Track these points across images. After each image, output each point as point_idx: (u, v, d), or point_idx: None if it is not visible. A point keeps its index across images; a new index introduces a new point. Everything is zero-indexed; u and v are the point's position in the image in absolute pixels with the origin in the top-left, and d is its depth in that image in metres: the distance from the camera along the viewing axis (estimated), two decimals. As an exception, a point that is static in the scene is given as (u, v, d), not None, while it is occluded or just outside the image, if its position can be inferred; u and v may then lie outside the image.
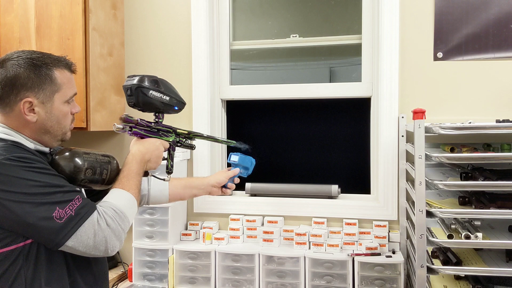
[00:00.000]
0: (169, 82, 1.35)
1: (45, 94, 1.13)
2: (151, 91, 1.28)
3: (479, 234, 1.43)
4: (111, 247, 1.08)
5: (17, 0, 1.93)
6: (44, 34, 1.92)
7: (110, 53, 2.09)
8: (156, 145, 1.30)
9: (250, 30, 2.33)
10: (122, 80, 2.19)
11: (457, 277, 1.63)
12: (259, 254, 1.89)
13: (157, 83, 1.30)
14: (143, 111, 1.32)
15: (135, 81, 1.27)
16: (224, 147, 2.25)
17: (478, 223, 1.53)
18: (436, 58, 1.90)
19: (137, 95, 1.27)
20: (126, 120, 1.28)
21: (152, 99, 1.28)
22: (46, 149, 1.17)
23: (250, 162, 1.61)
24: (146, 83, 1.27)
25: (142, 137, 1.31)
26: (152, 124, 1.34)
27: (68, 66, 1.20)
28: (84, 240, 1.04)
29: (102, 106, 2.01)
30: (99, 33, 2.00)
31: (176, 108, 1.36)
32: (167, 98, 1.32)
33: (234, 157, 1.59)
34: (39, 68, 1.12)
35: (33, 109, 1.12)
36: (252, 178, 2.19)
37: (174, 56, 2.17)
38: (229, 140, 1.60)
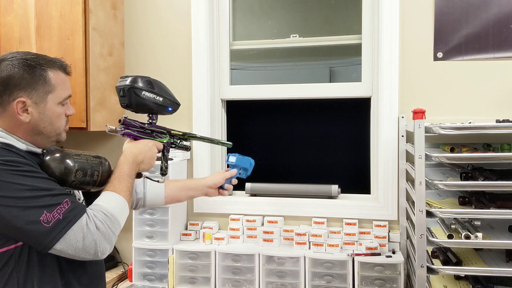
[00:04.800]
0: (163, 83, 1.33)
1: (38, 94, 1.13)
2: (143, 92, 1.26)
3: (479, 234, 1.43)
4: (101, 250, 1.06)
5: (17, 0, 1.93)
6: (44, 34, 1.92)
7: (110, 53, 2.09)
8: (149, 146, 1.28)
9: (250, 30, 2.33)
10: (122, 80, 2.19)
11: (457, 277, 1.63)
12: (259, 254, 1.89)
13: (150, 83, 1.28)
14: (136, 112, 1.30)
15: (127, 81, 1.25)
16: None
17: (478, 223, 1.53)
18: (436, 58, 1.90)
19: (130, 96, 1.25)
20: (125, 122, 1.27)
21: (145, 100, 1.27)
22: (39, 150, 1.16)
23: (249, 163, 1.59)
24: (139, 84, 1.26)
25: (135, 138, 1.30)
26: (146, 125, 1.32)
27: (63, 67, 1.19)
28: (73, 243, 1.03)
29: (102, 106, 2.01)
30: (99, 33, 2.00)
31: (170, 109, 1.34)
32: (161, 99, 1.30)
33: (232, 158, 1.58)
34: (33, 68, 1.12)
35: (26, 109, 1.12)
36: (252, 178, 2.19)
37: (174, 56, 2.17)
38: (226, 142, 1.58)
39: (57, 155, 1.12)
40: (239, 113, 2.36)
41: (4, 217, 1.00)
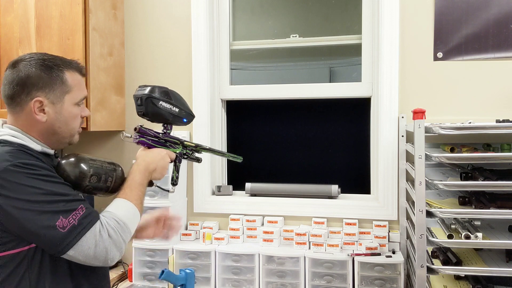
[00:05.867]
0: (179, 94, 1.34)
1: (56, 94, 1.15)
2: (161, 102, 1.27)
3: (479, 234, 1.43)
4: (111, 257, 1.08)
5: (17, 0, 1.93)
6: (44, 34, 1.92)
7: (110, 53, 2.09)
8: (161, 155, 1.28)
9: (250, 30, 2.33)
10: (122, 80, 2.19)
11: (457, 277, 1.63)
12: (259, 254, 1.89)
13: (167, 94, 1.29)
14: (152, 121, 1.31)
15: (146, 91, 1.27)
16: (224, 146, 2.25)
17: (478, 223, 1.53)
18: (436, 58, 1.90)
19: (147, 105, 1.26)
20: (140, 131, 1.28)
21: (162, 110, 1.28)
22: (51, 151, 1.18)
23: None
24: (157, 94, 1.27)
25: (149, 147, 1.30)
26: (160, 134, 1.33)
27: (79, 69, 1.22)
28: (85, 250, 1.04)
29: (102, 106, 2.01)
30: (99, 33, 2.00)
31: (185, 120, 1.35)
32: (177, 109, 1.31)
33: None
34: (50, 69, 1.15)
35: (43, 109, 1.14)
36: (252, 178, 2.20)
37: (174, 56, 2.17)
38: (236, 156, 1.55)
39: (72, 159, 1.14)
40: (239, 113, 2.36)
41: (19, 220, 1.01)
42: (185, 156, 1.40)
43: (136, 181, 1.20)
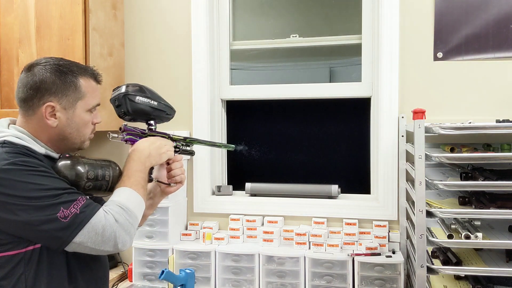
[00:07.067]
0: (153, 89, 1.33)
1: (68, 100, 1.16)
2: (137, 97, 1.27)
3: (479, 234, 1.43)
4: (121, 241, 1.07)
5: (17, 1, 1.93)
6: (44, 34, 1.92)
7: (110, 53, 2.09)
8: (150, 141, 1.27)
9: (250, 30, 2.33)
10: (122, 80, 2.19)
11: (457, 277, 1.63)
12: (259, 254, 1.89)
13: (141, 89, 1.29)
14: (134, 120, 1.31)
15: (121, 90, 1.27)
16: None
17: (478, 223, 1.54)
18: (436, 58, 1.90)
19: (125, 103, 1.26)
20: (125, 129, 1.28)
21: (141, 105, 1.28)
22: (56, 155, 1.18)
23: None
24: (132, 90, 1.27)
25: None
26: (146, 131, 1.32)
27: (94, 76, 1.23)
28: (92, 235, 1.04)
29: (102, 106, 1.99)
30: (99, 33, 2.00)
31: (167, 113, 1.35)
32: (155, 102, 1.31)
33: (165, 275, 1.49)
34: (65, 74, 1.16)
35: (55, 114, 1.15)
36: (252, 178, 2.20)
37: (174, 56, 2.17)
38: (228, 145, 1.57)
39: (68, 161, 1.15)
40: (239, 113, 2.36)
41: (21, 216, 1.02)
42: (177, 149, 1.39)
43: (131, 170, 1.19)
